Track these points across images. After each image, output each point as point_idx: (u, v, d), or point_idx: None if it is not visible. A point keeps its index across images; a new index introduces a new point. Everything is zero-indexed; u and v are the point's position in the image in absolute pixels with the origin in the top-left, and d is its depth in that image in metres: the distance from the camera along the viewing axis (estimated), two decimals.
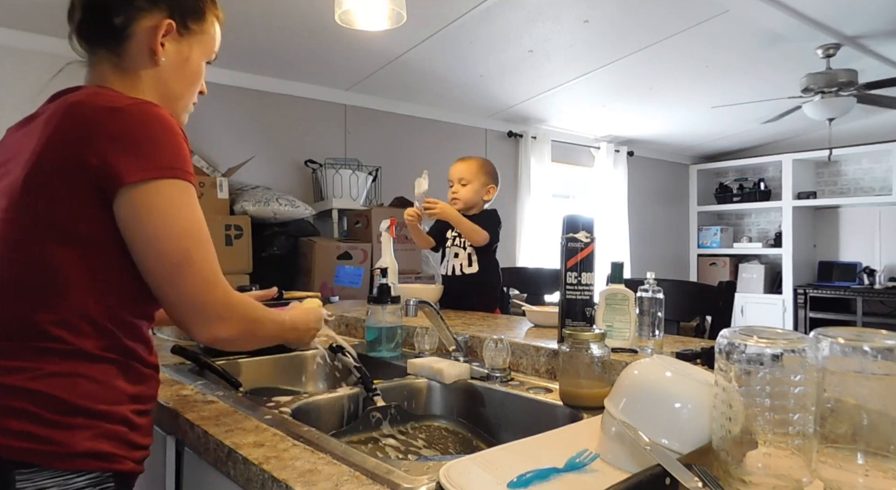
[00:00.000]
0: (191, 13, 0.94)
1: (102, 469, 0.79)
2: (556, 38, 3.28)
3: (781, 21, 3.14)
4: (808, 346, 0.63)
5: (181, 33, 0.93)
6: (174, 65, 0.93)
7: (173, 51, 0.93)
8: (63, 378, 0.77)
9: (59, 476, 0.75)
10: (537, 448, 0.81)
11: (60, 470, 0.76)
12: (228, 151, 3.46)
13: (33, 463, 0.74)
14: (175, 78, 0.94)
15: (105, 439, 0.79)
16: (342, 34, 2.76)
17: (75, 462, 0.76)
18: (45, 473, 0.75)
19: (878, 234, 5.37)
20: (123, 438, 0.81)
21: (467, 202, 2.34)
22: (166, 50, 0.92)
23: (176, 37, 0.92)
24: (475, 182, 2.33)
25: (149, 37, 0.90)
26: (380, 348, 1.57)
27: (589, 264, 1.32)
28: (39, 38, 2.93)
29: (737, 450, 0.65)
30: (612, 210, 5.41)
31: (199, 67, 0.98)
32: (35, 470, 0.74)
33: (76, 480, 0.76)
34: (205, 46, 0.98)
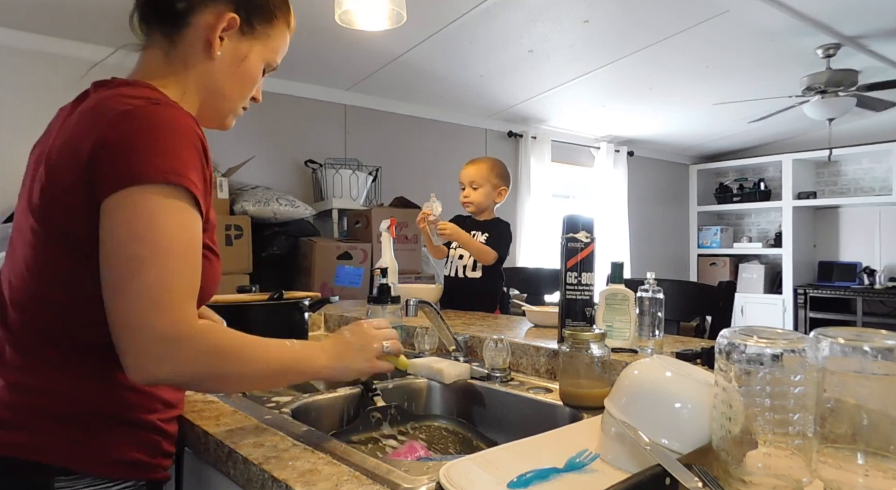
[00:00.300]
0: (258, 12, 0.89)
1: (138, 477, 0.79)
2: (556, 38, 3.28)
3: (781, 21, 3.14)
4: (808, 346, 0.63)
5: (243, 31, 0.87)
6: (229, 62, 0.87)
7: (231, 47, 0.87)
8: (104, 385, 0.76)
9: (97, 484, 0.75)
10: (537, 448, 0.81)
11: (98, 478, 0.75)
12: (228, 151, 3.46)
13: (73, 469, 0.74)
14: (227, 76, 0.88)
15: (141, 448, 0.79)
16: (342, 34, 2.76)
17: (114, 470, 0.76)
18: (84, 481, 0.74)
19: (878, 234, 5.37)
20: (157, 447, 0.81)
21: (479, 206, 2.34)
22: (224, 45, 0.86)
23: (237, 34, 0.87)
24: (486, 185, 2.32)
25: (208, 28, 0.84)
26: None
27: (589, 264, 1.32)
28: (43, 39, 2.93)
29: (737, 450, 0.65)
30: (612, 210, 5.41)
31: (256, 70, 0.91)
32: (75, 477, 0.74)
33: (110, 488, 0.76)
34: (267, 50, 0.91)
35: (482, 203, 2.33)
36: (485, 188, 2.32)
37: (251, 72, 0.90)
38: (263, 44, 0.90)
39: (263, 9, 0.89)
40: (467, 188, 2.35)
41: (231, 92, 0.90)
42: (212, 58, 0.85)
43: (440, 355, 1.48)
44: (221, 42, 0.86)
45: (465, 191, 2.35)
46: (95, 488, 0.75)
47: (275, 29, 0.91)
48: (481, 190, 2.32)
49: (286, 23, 0.94)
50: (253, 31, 0.88)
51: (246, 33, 0.88)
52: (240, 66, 0.89)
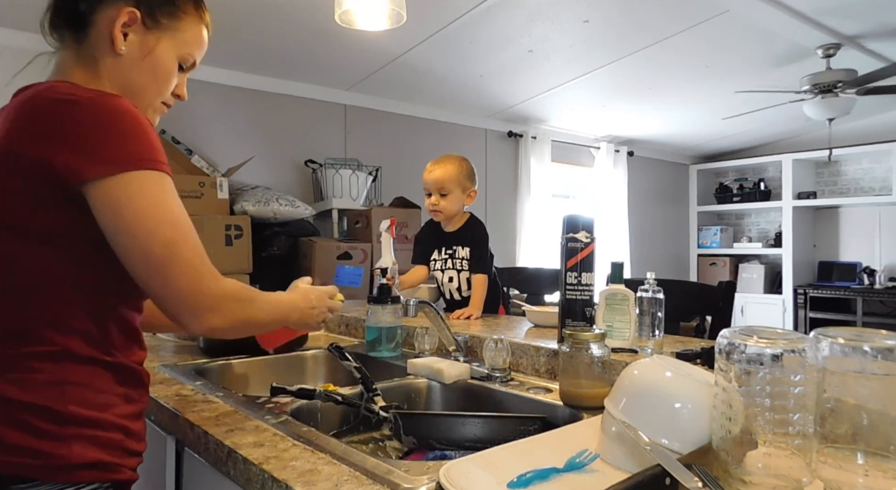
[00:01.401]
0: (161, 6, 0.89)
1: (101, 480, 0.77)
2: (556, 38, 3.28)
3: (781, 21, 3.14)
4: (808, 346, 0.63)
5: (147, 25, 0.88)
6: (136, 56, 0.88)
7: (136, 42, 0.88)
8: (55, 386, 0.76)
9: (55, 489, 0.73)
10: (537, 448, 0.81)
11: (59, 483, 0.74)
12: (228, 151, 3.46)
13: (32, 477, 0.72)
14: (136, 70, 0.89)
15: (101, 448, 0.77)
16: (342, 34, 2.76)
17: (75, 475, 0.75)
18: (43, 488, 0.73)
19: (878, 234, 5.37)
20: (120, 446, 0.80)
21: (450, 214, 2.10)
22: (129, 40, 0.87)
23: (141, 27, 0.88)
24: (456, 190, 2.07)
25: (109, 24, 0.86)
26: (380, 348, 1.57)
27: (589, 264, 1.32)
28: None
29: (737, 450, 0.65)
30: (612, 210, 5.41)
31: (167, 64, 0.91)
32: (34, 484, 0.73)
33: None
34: (176, 43, 0.92)
35: (453, 210, 2.10)
36: (455, 193, 2.07)
37: (162, 65, 0.91)
38: (171, 37, 0.91)
39: (167, 3, 0.90)
40: (434, 195, 2.08)
41: (143, 86, 0.91)
42: (118, 53, 0.87)
43: (440, 355, 1.48)
44: (126, 38, 0.87)
45: (433, 198, 2.09)
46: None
47: (182, 21, 0.92)
48: (451, 196, 2.07)
49: (196, 16, 0.94)
50: (157, 25, 0.89)
51: (150, 27, 0.89)
52: (148, 60, 0.90)
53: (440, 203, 2.08)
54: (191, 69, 0.97)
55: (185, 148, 3.27)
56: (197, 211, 2.92)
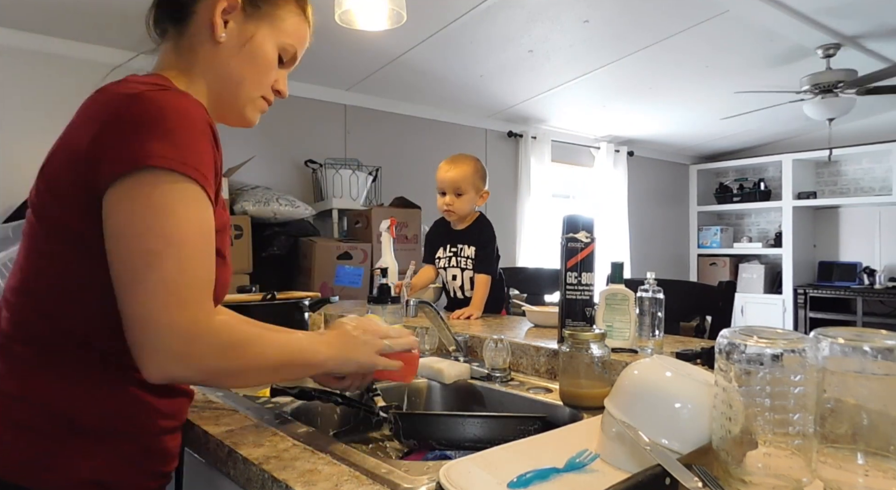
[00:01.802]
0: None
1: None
2: (556, 38, 3.28)
3: (781, 21, 3.14)
4: (808, 346, 0.63)
5: (247, 11, 0.86)
6: (236, 44, 0.85)
7: (236, 29, 0.85)
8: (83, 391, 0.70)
9: None
10: (537, 448, 0.81)
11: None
12: (228, 151, 3.43)
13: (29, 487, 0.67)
14: (235, 58, 0.86)
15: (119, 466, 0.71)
16: (342, 34, 2.76)
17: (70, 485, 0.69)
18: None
19: (878, 234, 5.37)
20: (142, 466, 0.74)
21: (463, 214, 2.12)
22: (229, 28, 0.85)
23: (241, 14, 0.85)
24: (471, 191, 2.09)
25: (209, 11, 0.84)
26: None
27: (589, 264, 1.32)
28: (43, 39, 2.93)
29: (737, 450, 0.65)
30: (612, 210, 5.41)
31: (267, 52, 0.88)
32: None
33: None
34: (276, 32, 0.88)
35: (465, 210, 2.11)
36: (469, 194, 2.09)
37: (261, 53, 0.87)
38: (270, 24, 0.88)
39: None
40: (449, 195, 2.08)
41: (241, 75, 0.87)
42: (217, 41, 0.84)
43: (440, 355, 1.48)
44: (226, 25, 0.85)
45: (447, 198, 2.09)
46: None
47: (282, 9, 0.89)
48: (466, 197, 2.08)
49: (296, 4, 0.91)
50: (257, 11, 0.86)
51: (250, 14, 0.86)
52: (248, 47, 0.86)
53: (455, 203, 2.08)
54: (291, 63, 0.94)
55: None
56: None
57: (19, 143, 2.79)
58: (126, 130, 0.67)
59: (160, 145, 0.66)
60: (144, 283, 0.64)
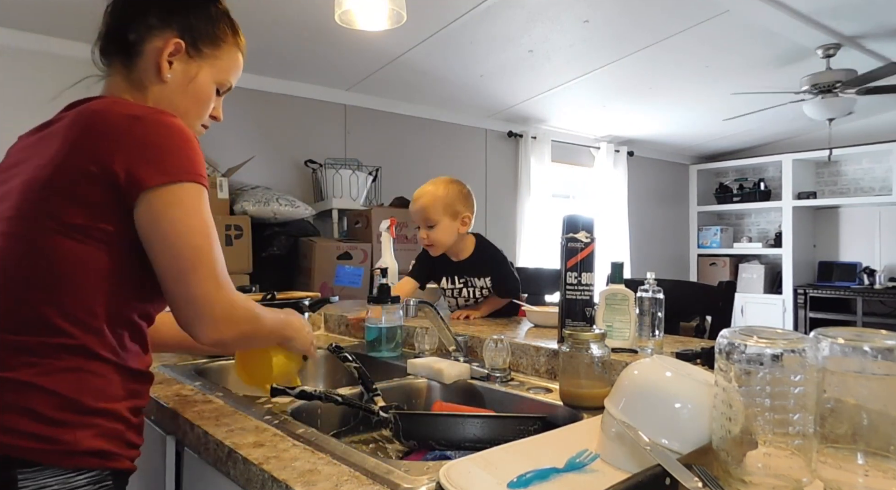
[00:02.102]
0: (204, 37, 0.98)
1: (101, 467, 0.80)
2: (556, 38, 3.28)
3: (781, 21, 3.14)
4: (808, 346, 0.63)
5: (191, 54, 0.96)
6: (179, 83, 0.96)
7: (180, 70, 0.96)
8: (69, 373, 0.79)
9: (60, 474, 0.77)
10: (537, 448, 0.81)
11: (62, 468, 0.77)
12: (228, 151, 3.46)
13: (37, 461, 0.75)
14: (180, 96, 0.97)
15: (105, 438, 0.81)
16: (342, 34, 2.76)
17: (77, 460, 0.78)
18: (47, 472, 0.76)
19: (878, 234, 5.37)
20: (121, 437, 0.83)
21: (444, 244, 1.92)
22: (174, 68, 0.95)
23: (185, 57, 0.96)
24: (444, 218, 1.89)
25: (156, 53, 0.94)
26: (380, 348, 1.57)
27: (589, 264, 1.32)
28: (43, 39, 2.93)
29: (737, 450, 0.65)
30: (612, 210, 5.41)
31: (207, 89, 1.00)
32: (38, 469, 0.75)
33: (77, 479, 0.78)
34: (216, 71, 1.00)
35: (446, 242, 1.91)
36: (443, 223, 1.89)
37: (202, 91, 0.99)
38: (211, 65, 0.99)
39: (209, 33, 0.99)
40: (422, 228, 1.92)
41: (185, 110, 0.98)
42: (163, 80, 0.95)
43: (440, 355, 1.48)
44: (171, 65, 0.95)
45: (422, 232, 1.92)
46: (59, 478, 0.77)
47: (222, 50, 1.00)
48: (440, 226, 1.89)
49: (234, 42, 1.03)
50: (200, 54, 0.98)
51: (193, 56, 0.97)
52: (190, 87, 0.98)
53: (430, 236, 1.91)
54: (226, 92, 1.05)
55: None
56: None
57: None
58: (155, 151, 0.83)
59: (180, 163, 0.84)
60: (197, 272, 0.82)
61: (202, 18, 0.98)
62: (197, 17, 0.97)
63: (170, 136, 0.84)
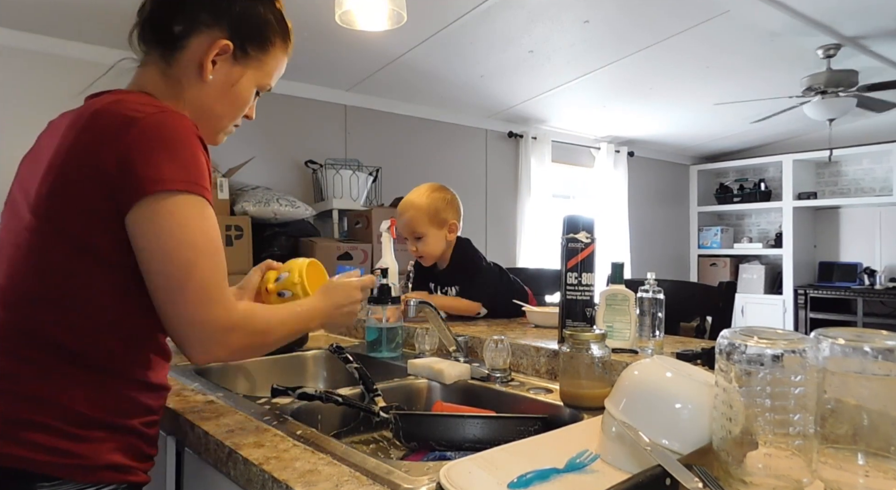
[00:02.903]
0: (253, 39, 0.92)
1: (119, 481, 0.79)
2: (556, 38, 3.28)
3: (782, 21, 3.14)
4: (808, 346, 0.63)
5: (236, 57, 0.91)
6: (221, 85, 0.91)
7: (223, 72, 0.90)
8: (85, 389, 0.77)
9: (78, 487, 0.75)
10: (537, 448, 0.81)
11: (81, 483, 0.76)
12: (228, 151, 3.46)
13: (56, 476, 0.74)
14: (218, 99, 0.92)
15: (123, 452, 0.80)
16: (342, 34, 2.76)
17: (97, 475, 0.77)
18: (66, 486, 0.75)
19: (879, 234, 5.37)
20: (138, 450, 0.83)
21: (434, 254, 1.93)
22: (217, 69, 0.90)
23: (230, 59, 0.90)
24: (431, 230, 1.88)
25: (201, 52, 0.88)
26: (380, 349, 1.57)
27: (589, 265, 1.32)
28: (43, 39, 2.93)
29: (737, 450, 0.65)
30: (612, 210, 5.41)
31: (248, 94, 0.94)
32: (57, 482, 0.74)
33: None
34: (260, 74, 0.94)
35: (436, 252, 1.92)
36: (431, 233, 1.89)
37: (242, 95, 0.94)
38: (256, 69, 0.93)
39: (260, 36, 0.92)
40: (410, 240, 1.92)
41: (222, 113, 0.94)
42: (204, 80, 0.89)
43: (440, 356, 1.48)
44: (214, 66, 0.89)
45: (410, 245, 1.93)
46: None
47: (269, 55, 0.94)
48: (428, 238, 1.89)
49: (283, 47, 0.97)
50: (246, 57, 0.92)
51: (239, 59, 0.91)
52: (232, 91, 0.92)
53: (420, 248, 1.91)
54: (264, 92, 0.99)
55: None
56: None
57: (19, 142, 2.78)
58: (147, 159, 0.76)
59: (176, 170, 0.77)
60: (186, 289, 0.77)
61: (255, 21, 0.92)
62: (250, 19, 0.91)
63: (171, 141, 0.77)
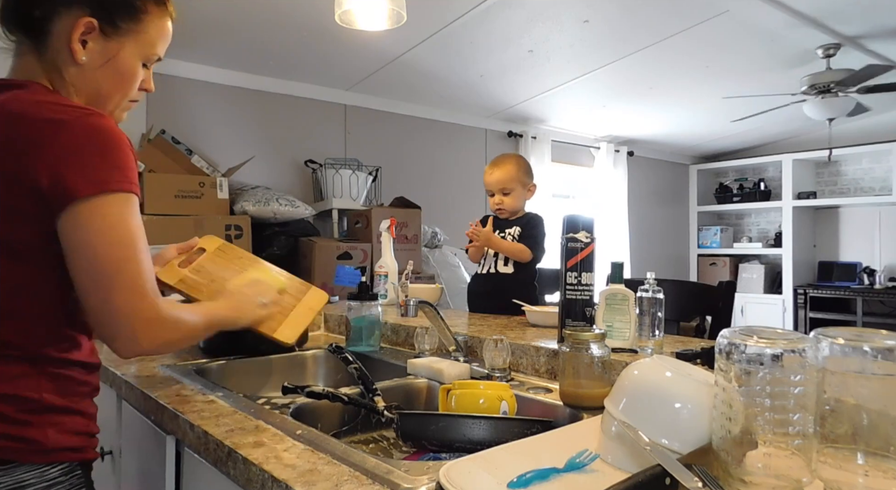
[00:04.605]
0: (121, 11, 0.88)
1: (71, 460, 0.84)
2: (555, 38, 3.28)
3: (781, 21, 3.14)
4: (808, 346, 0.63)
5: (106, 32, 0.87)
6: (99, 64, 0.88)
7: (97, 50, 0.87)
8: (26, 379, 0.81)
9: (35, 469, 0.80)
10: (537, 448, 0.81)
11: (37, 464, 0.80)
12: (228, 151, 3.46)
13: (11, 459, 0.79)
14: (102, 78, 0.89)
15: (71, 433, 0.84)
16: (342, 34, 2.76)
17: (51, 456, 0.82)
18: (22, 468, 0.79)
19: (878, 234, 5.37)
20: (86, 430, 0.88)
21: (514, 210, 2.26)
22: (89, 49, 0.86)
23: (100, 36, 0.87)
24: (518, 187, 2.23)
25: (66, 34, 0.85)
26: (359, 343, 1.62)
27: (589, 264, 1.32)
28: None
29: (737, 450, 0.65)
30: (612, 210, 5.41)
31: (132, 67, 0.91)
32: (13, 465, 0.79)
33: (51, 472, 0.82)
34: (140, 45, 0.91)
35: (516, 206, 2.25)
36: (517, 191, 2.23)
37: (126, 69, 0.91)
38: (135, 40, 0.90)
39: (126, 7, 0.88)
40: (497, 195, 2.24)
41: (109, 91, 0.91)
42: (78, 63, 0.86)
43: (440, 355, 1.48)
44: (85, 46, 0.86)
45: (496, 197, 2.25)
46: (34, 472, 0.80)
47: (145, 23, 0.91)
48: (514, 193, 2.23)
49: (159, 12, 0.92)
50: (118, 31, 0.88)
51: (110, 34, 0.88)
52: (112, 66, 0.89)
53: (504, 201, 2.22)
54: (155, 63, 0.96)
55: (186, 148, 3.27)
56: (197, 211, 2.92)
57: None
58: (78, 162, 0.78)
59: (108, 171, 0.79)
60: (114, 285, 0.80)
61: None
62: None
63: (98, 143, 0.79)
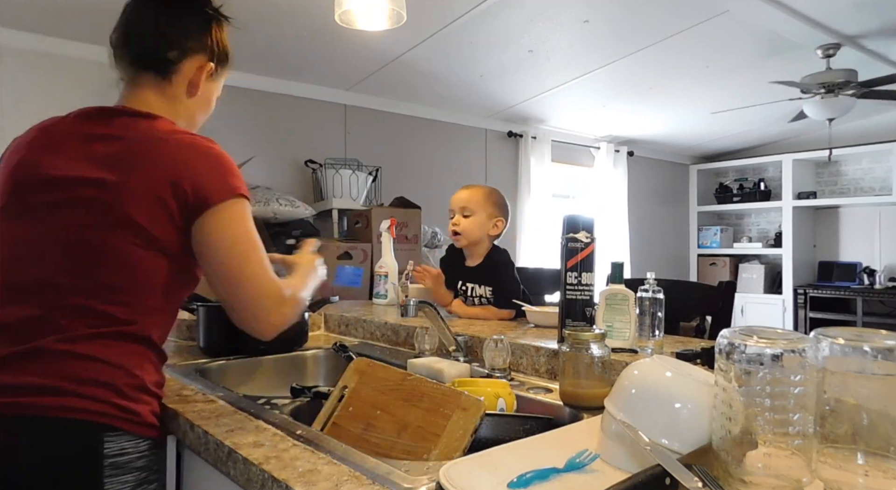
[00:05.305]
0: (223, 60, 1.15)
1: (153, 436, 0.98)
2: (555, 38, 3.28)
3: (781, 21, 3.14)
4: (808, 346, 0.63)
5: (212, 75, 1.13)
6: (203, 99, 1.14)
7: (205, 88, 1.13)
8: (139, 358, 0.96)
9: (134, 439, 0.93)
10: (537, 448, 0.81)
11: (135, 435, 0.94)
12: (228, 151, 3.44)
13: (118, 427, 0.91)
14: (200, 109, 1.15)
15: (154, 414, 0.98)
16: (342, 34, 2.76)
17: (147, 430, 0.96)
18: (126, 436, 0.92)
19: (878, 234, 5.37)
20: (158, 413, 1.00)
21: (470, 236, 1.97)
22: (202, 86, 1.11)
23: (209, 78, 1.12)
24: (480, 213, 1.95)
25: (194, 74, 1.09)
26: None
27: (589, 264, 1.32)
28: (45, 39, 2.93)
29: (737, 450, 0.65)
30: (612, 210, 5.41)
31: (214, 99, 1.19)
32: (119, 433, 0.91)
33: (142, 444, 0.95)
34: (219, 87, 1.19)
35: (473, 233, 1.96)
36: (478, 217, 1.95)
37: (212, 100, 1.19)
38: (219, 82, 1.19)
39: (226, 58, 1.17)
40: (457, 215, 1.98)
41: (200, 120, 1.18)
42: (193, 96, 1.11)
43: (440, 355, 1.48)
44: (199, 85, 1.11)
45: (455, 218, 1.98)
46: (132, 442, 0.93)
47: (227, 71, 1.18)
48: (474, 218, 1.95)
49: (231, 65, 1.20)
50: (219, 75, 1.16)
51: (213, 77, 1.14)
52: (208, 102, 1.17)
53: (461, 223, 1.96)
54: None
55: None
56: None
57: None
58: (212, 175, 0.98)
59: (234, 181, 1.00)
60: (245, 273, 0.98)
61: (223, 46, 1.14)
62: (220, 45, 1.14)
63: (221, 160, 1.00)
